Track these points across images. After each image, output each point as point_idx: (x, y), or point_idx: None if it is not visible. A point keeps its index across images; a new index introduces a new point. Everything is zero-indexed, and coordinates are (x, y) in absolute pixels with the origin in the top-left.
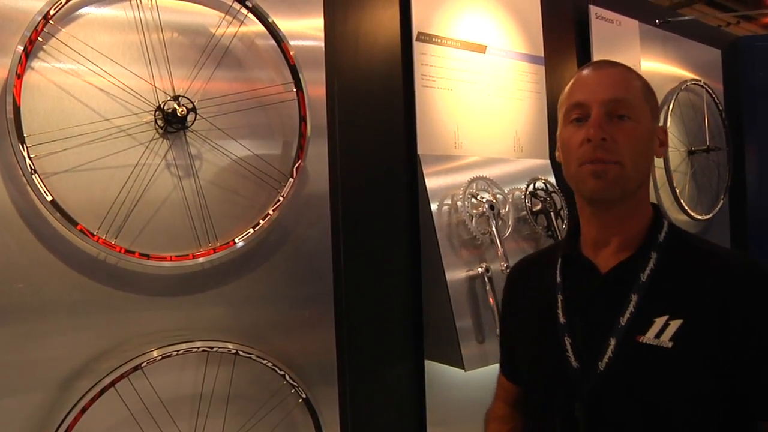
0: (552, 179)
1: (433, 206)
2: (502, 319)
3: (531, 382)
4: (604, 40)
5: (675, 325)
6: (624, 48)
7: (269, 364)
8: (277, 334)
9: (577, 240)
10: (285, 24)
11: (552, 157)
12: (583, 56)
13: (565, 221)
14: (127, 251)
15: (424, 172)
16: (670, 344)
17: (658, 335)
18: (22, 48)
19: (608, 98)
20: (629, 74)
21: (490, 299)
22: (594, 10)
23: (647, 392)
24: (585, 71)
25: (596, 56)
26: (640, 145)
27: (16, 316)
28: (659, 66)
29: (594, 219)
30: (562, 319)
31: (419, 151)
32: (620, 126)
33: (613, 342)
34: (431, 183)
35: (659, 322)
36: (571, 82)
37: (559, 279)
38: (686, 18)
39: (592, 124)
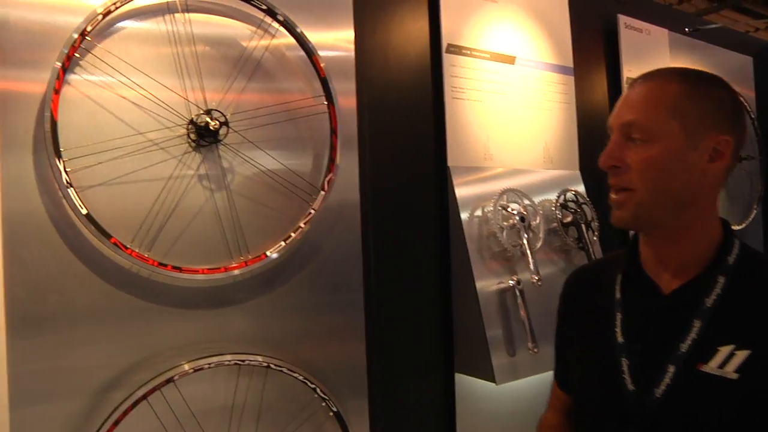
0: (582, 190)
1: (464, 217)
2: (557, 328)
3: (583, 398)
4: (634, 50)
5: (742, 355)
6: (653, 57)
7: (300, 378)
8: (307, 346)
9: (638, 255)
10: (315, 36)
11: (582, 168)
12: (613, 66)
13: (596, 233)
14: (160, 264)
15: (454, 183)
16: (735, 376)
17: (722, 365)
18: (60, 64)
19: (623, 121)
20: (660, 89)
21: (522, 312)
22: (623, 19)
23: (706, 424)
24: (625, 90)
25: (625, 66)
26: (655, 167)
27: (50, 326)
28: None
29: (646, 241)
30: (620, 338)
31: (449, 163)
32: (633, 149)
33: (672, 369)
34: (461, 194)
35: (724, 351)
36: None
37: (618, 295)
38: (716, 26)
39: (605, 150)
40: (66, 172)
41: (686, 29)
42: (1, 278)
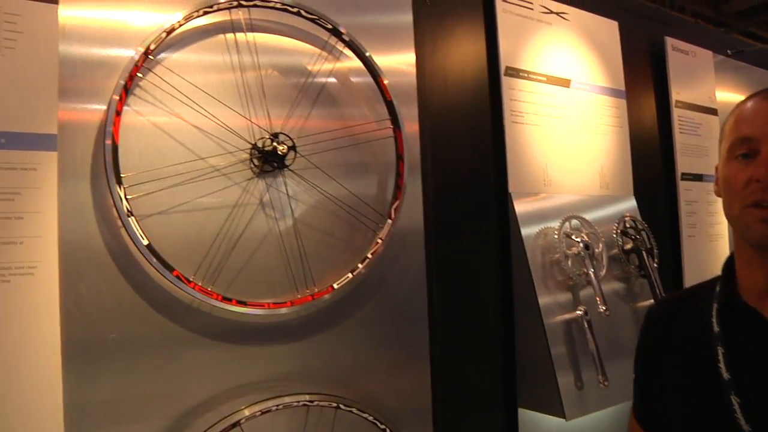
0: (638, 215)
1: (527, 246)
2: (639, 362)
3: None
4: (681, 72)
5: None
6: (700, 79)
7: (370, 418)
8: (373, 382)
9: (735, 285)
10: (377, 59)
11: (637, 193)
12: (661, 89)
13: (656, 260)
14: (224, 298)
15: (516, 210)
16: None
17: None
18: (122, 83)
19: None
20: None
21: (591, 344)
22: (670, 41)
23: None
24: (753, 101)
25: (674, 88)
26: None
27: (107, 365)
28: (734, 96)
29: (761, 265)
30: (725, 375)
31: (510, 189)
32: None
33: None
34: (523, 221)
35: None
36: (735, 113)
37: (717, 329)
38: (759, 47)
39: (761, 162)
40: (126, 199)
41: (729, 51)
42: (59, 315)
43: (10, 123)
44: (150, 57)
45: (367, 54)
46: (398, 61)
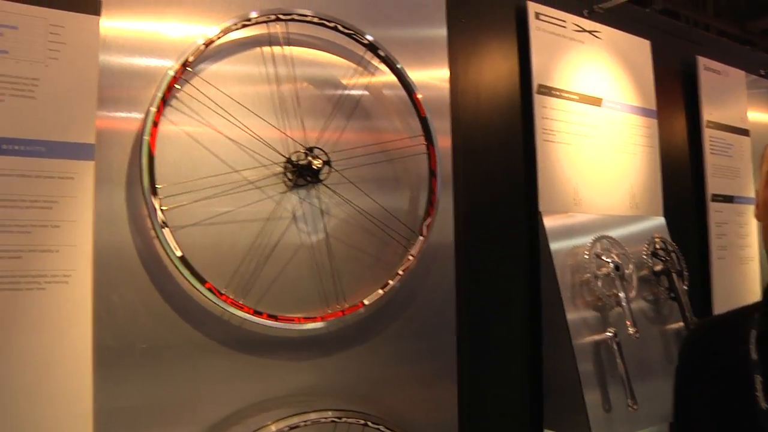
0: (668, 236)
1: (556, 265)
2: (679, 389)
3: None
4: (713, 92)
5: None
6: (731, 99)
7: None
8: (401, 397)
9: None
10: (411, 74)
11: (667, 214)
12: (692, 109)
13: (686, 282)
14: (255, 312)
15: (546, 230)
16: None
17: None
18: (160, 95)
19: None
20: None
21: (620, 366)
22: (702, 61)
23: None
24: None
25: (705, 108)
26: None
27: (137, 374)
28: (767, 117)
29: None
30: (763, 405)
31: (540, 208)
32: None
33: None
34: (553, 240)
35: None
36: None
37: (755, 356)
38: None
39: None
40: (161, 210)
41: (761, 71)
42: (91, 323)
43: (51, 132)
44: (188, 69)
45: (403, 70)
46: (432, 76)
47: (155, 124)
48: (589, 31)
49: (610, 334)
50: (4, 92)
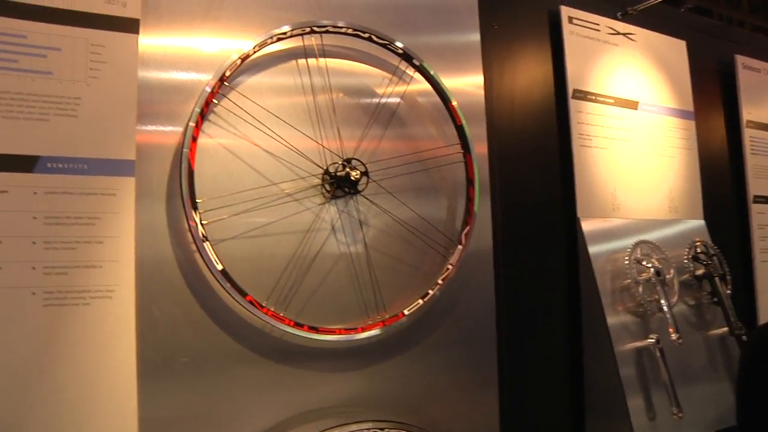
0: (709, 240)
1: (596, 271)
2: (743, 391)
3: None
4: (752, 91)
5: None
6: None
7: None
8: (441, 408)
9: None
10: (446, 81)
11: (707, 217)
12: (731, 109)
13: (729, 286)
14: (296, 324)
15: (585, 236)
16: None
17: None
18: (199, 110)
19: None
20: None
21: (664, 373)
22: (740, 59)
23: None
24: None
25: (745, 108)
26: None
27: (180, 387)
28: None
29: None
30: None
31: (579, 214)
32: None
33: None
34: (593, 246)
35: None
36: None
37: None
38: None
39: None
40: (202, 225)
41: None
42: (134, 337)
43: (92, 149)
44: (225, 83)
45: (438, 78)
46: (466, 83)
47: (194, 138)
48: (624, 34)
49: (652, 340)
50: (49, 112)
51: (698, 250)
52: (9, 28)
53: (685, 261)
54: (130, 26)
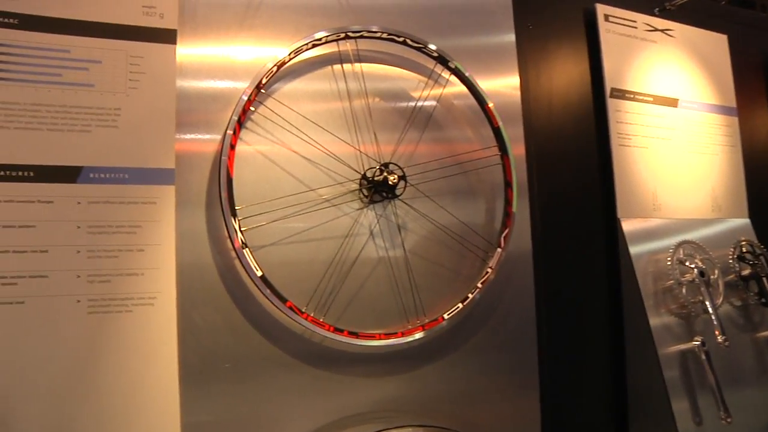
0: (755, 239)
1: (637, 272)
2: None
3: None
4: None
5: None
6: None
7: None
8: (481, 412)
9: None
10: (481, 83)
11: (752, 215)
12: None
13: None
14: (336, 329)
15: (626, 236)
16: None
17: None
18: (236, 118)
19: None
20: None
21: (710, 376)
22: None
23: None
24: None
25: None
26: None
27: (222, 392)
28: None
29: None
30: None
31: (619, 215)
32: None
33: None
34: (633, 247)
35: None
36: None
37: None
38: None
39: None
40: (241, 232)
41: None
42: (176, 344)
43: (133, 159)
44: (262, 91)
45: (473, 80)
46: (502, 85)
47: (232, 146)
48: (662, 30)
49: (697, 343)
50: (91, 123)
51: (744, 249)
52: (54, 43)
53: (730, 261)
54: (168, 37)
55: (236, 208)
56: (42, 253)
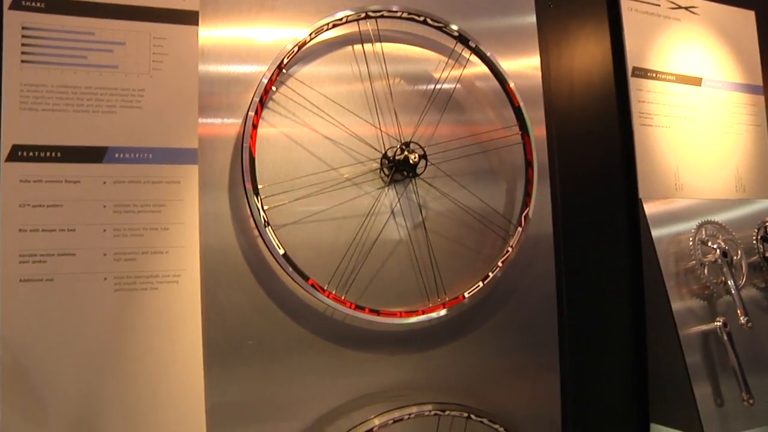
0: None
1: (659, 253)
2: None
3: None
4: None
5: None
6: None
7: (501, 429)
8: (501, 391)
9: None
10: (502, 63)
11: None
12: None
13: None
14: (357, 307)
15: (648, 216)
16: None
17: None
18: (258, 99)
19: None
20: None
21: (732, 357)
22: None
23: None
24: None
25: None
26: None
27: (246, 371)
28: None
29: None
30: None
31: (640, 195)
32: None
33: None
34: (655, 228)
35: None
36: None
37: None
38: None
39: None
40: (263, 210)
41: None
42: (200, 321)
43: (157, 139)
44: (283, 71)
45: (494, 60)
46: (523, 65)
47: (254, 127)
48: (685, 8)
49: (719, 324)
50: (116, 104)
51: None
52: (79, 26)
53: (754, 242)
54: (190, 18)
55: (259, 187)
56: (70, 231)
